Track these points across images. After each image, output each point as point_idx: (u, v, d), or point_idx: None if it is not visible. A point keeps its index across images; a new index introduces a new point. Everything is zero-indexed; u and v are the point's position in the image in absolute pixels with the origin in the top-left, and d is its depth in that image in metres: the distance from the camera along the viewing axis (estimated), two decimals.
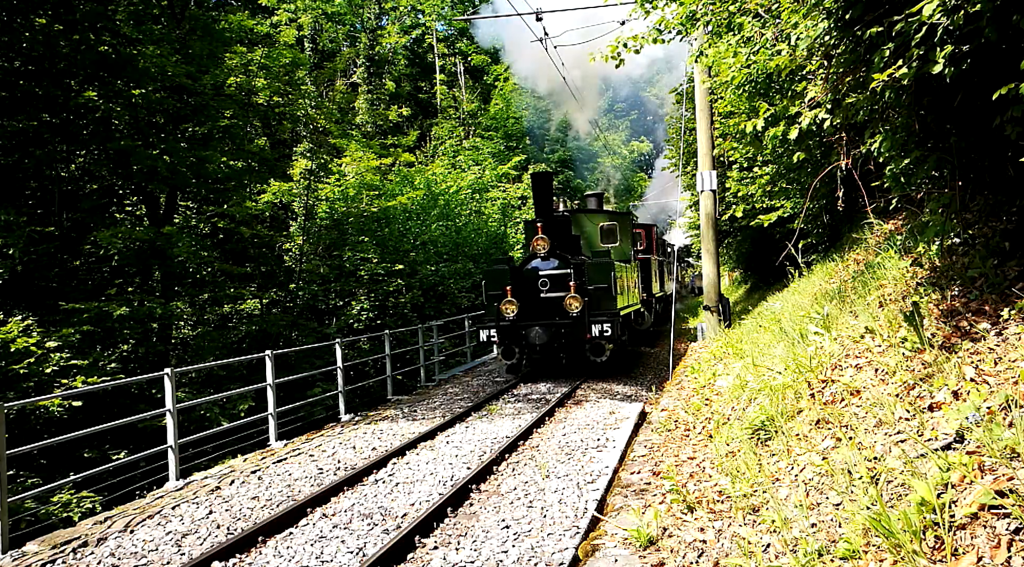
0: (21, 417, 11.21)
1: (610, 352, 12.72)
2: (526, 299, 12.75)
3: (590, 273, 12.52)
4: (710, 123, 14.26)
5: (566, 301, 12.27)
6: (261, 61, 17.71)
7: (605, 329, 12.00)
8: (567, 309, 12.27)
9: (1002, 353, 3.62)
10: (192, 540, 5.81)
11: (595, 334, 12.06)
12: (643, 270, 18.28)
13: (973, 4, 3.18)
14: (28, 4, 13.42)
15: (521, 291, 12.72)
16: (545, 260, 12.82)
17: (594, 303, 12.51)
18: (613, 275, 12.36)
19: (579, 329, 12.21)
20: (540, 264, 12.84)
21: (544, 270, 12.78)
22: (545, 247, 12.67)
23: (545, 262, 12.81)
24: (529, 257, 13.07)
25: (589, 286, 12.45)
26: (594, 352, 12.55)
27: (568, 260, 12.74)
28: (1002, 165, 4.43)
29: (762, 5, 5.82)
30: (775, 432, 4.94)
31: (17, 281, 13.08)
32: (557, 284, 12.65)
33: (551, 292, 12.69)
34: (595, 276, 12.48)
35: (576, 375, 13.23)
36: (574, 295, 12.19)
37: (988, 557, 2.45)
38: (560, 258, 12.81)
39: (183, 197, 18.13)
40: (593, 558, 4.27)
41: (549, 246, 12.69)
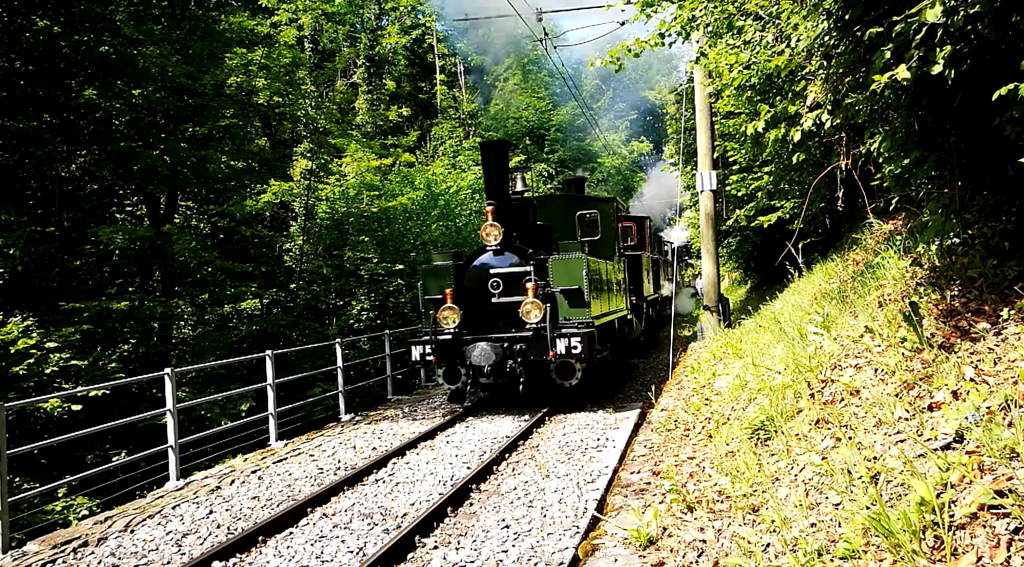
0: (21, 418, 11.21)
1: (585, 371, 9.86)
2: (472, 305, 9.87)
3: (555, 271, 9.58)
4: (710, 123, 14.27)
5: (521, 308, 9.19)
6: (261, 61, 17.71)
7: (573, 344, 8.95)
8: (523, 318, 9.25)
9: (1001, 353, 3.62)
10: (192, 540, 5.81)
11: (561, 351, 9.02)
12: (632, 269, 15.46)
13: (972, 5, 3.18)
14: (28, 4, 13.42)
15: (467, 295, 9.92)
16: (498, 255, 9.85)
17: (561, 310, 9.62)
18: (586, 273, 9.43)
19: (539, 345, 9.22)
20: (491, 260, 9.89)
21: (496, 267, 9.82)
22: (497, 237, 9.71)
23: (498, 257, 9.85)
24: (478, 251, 10.09)
25: (554, 288, 9.57)
26: (562, 374, 9.46)
27: (527, 254, 9.82)
28: (1002, 165, 4.43)
29: (762, 6, 5.82)
30: (775, 432, 4.94)
31: (17, 281, 13.09)
32: (512, 285, 9.69)
33: (505, 296, 9.69)
34: (562, 275, 9.55)
35: (538, 404, 10.21)
36: (532, 300, 9.15)
37: (988, 557, 2.45)
38: (518, 252, 9.87)
39: (183, 197, 18.15)
40: (593, 558, 4.28)
41: (503, 236, 9.71)
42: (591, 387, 11.03)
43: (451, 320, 9.68)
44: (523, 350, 9.32)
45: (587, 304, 9.54)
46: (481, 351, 9.31)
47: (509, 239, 9.95)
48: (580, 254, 9.67)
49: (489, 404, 10.77)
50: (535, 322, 9.22)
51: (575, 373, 9.45)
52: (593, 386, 11.20)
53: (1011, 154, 4.22)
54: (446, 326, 9.70)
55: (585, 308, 9.56)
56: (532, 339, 9.27)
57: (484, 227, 9.85)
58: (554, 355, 9.09)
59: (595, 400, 10.56)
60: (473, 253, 10.23)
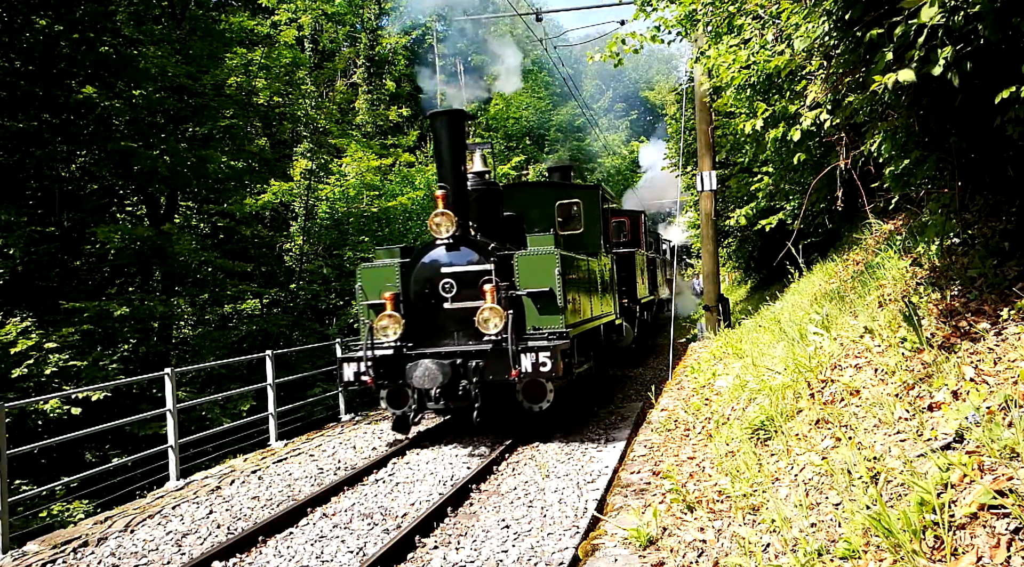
0: (20, 419, 11.21)
1: (561, 390, 8.26)
2: (420, 312, 8.10)
3: (522, 270, 7.91)
4: (710, 123, 14.27)
5: (478, 316, 7.49)
6: (261, 61, 17.71)
7: (542, 360, 7.26)
8: (480, 328, 7.51)
9: (1001, 353, 3.62)
10: (192, 540, 5.81)
11: (526, 368, 7.28)
12: (624, 267, 13.81)
13: (972, 5, 3.18)
14: (28, 4, 13.43)
15: (414, 299, 8.14)
16: (453, 250, 8.03)
17: (528, 317, 7.95)
18: (559, 272, 7.79)
19: (499, 361, 7.47)
20: (443, 256, 8.06)
21: (449, 266, 8.01)
22: (449, 228, 7.89)
23: (452, 253, 8.03)
24: (427, 246, 8.25)
25: (520, 290, 7.90)
26: (530, 396, 7.88)
27: (488, 250, 7.99)
28: (1002, 165, 4.43)
29: (761, 6, 5.82)
30: (775, 432, 4.95)
31: (17, 281, 13.09)
32: (469, 287, 7.91)
33: (460, 300, 7.95)
34: (529, 274, 7.89)
35: (502, 432, 8.59)
36: (491, 306, 7.43)
37: (988, 557, 2.45)
38: (476, 247, 8.05)
39: (183, 197, 18.14)
40: (593, 558, 4.28)
41: (457, 228, 7.93)
42: (568, 409, 9.19)
43: (391, 331, 7.94)
44: (480, 368, 7.53)
45: (560, 310, 7.84)
46: (424, 371, 7.43)
47: (466, 231, 8.16)
48: (552, 248, 7.92)
49: (444, 431, 9.07)
50: (494, 333, 7.45)
51: (546, 395, 7.83)
52: (571, 408, 9.36)
53: (1011, 154, 4.22)
54: (385, 338, 7.96)
55: (558, 315, 7.85)
56: (491, 354, 7.52)
57: (432, 216, 7.97)
58: (517, 374, 7.24)
59: (568, 429, 8.62)
60: (421, 248, 8.28)
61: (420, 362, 7.52)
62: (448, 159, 8.27)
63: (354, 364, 7.99)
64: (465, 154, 8.62)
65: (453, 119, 8.31)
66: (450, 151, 8.28)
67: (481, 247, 8.07)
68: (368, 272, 8.60)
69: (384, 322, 7.97)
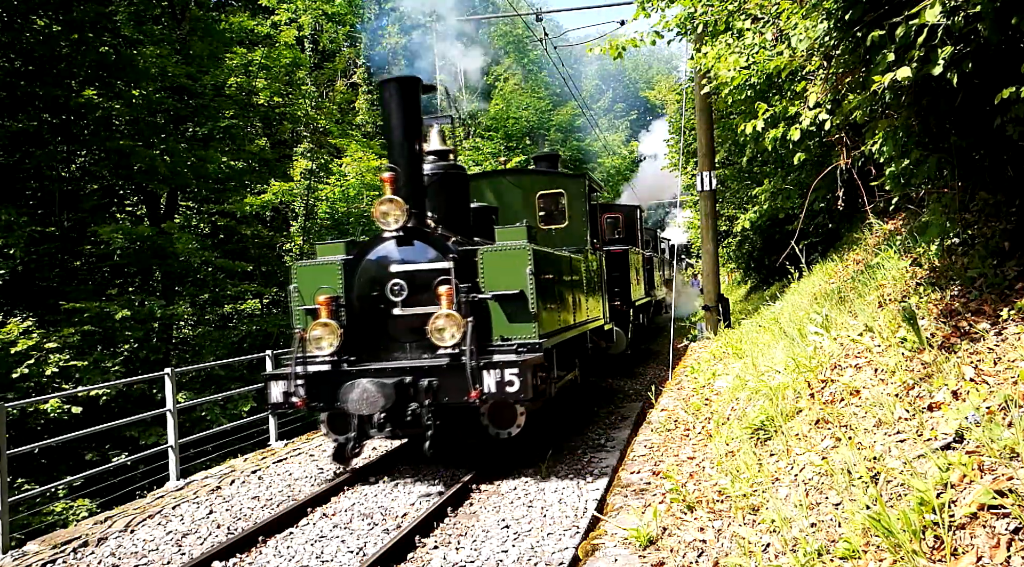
0: (21, 419, 11.22)
1: (534, 413, 7.04)
2: (366, 319, 6.78)
3: (488, 268, 6.69)
4: (710, 123, 14.27)
5: (430, 325, 6.26)
6: (261, 61, 17.72)
7: (508, 378, 6.06)
8: (432, 339, 6.29)
9: (1001, 353, 3.62)
10: (192, 540, 5.82)
11: (489, 388, 6.09)
12: (617, 267, 12.65)
13: (973, 5, 3.18)
14: (28, 4, 13.44)
15: (358, 304, 6.82)
16: (405, 245, 6.72)
17: (496, 325, 6.66)
18: (532, 272, 6.57)
19: (456, 379, 6.20)
20: (394, 252, 6.73)
21: (399, 263, 6.67)
22: (399, 219, 6.57)
23: (405, 249, 6.72)
24: (374, 239, 6.93)
25: (485, 293, 6.64)
26: (497, 420, 6.70)
27: (448, 245, 6.71)
28: (1002, 165, 4.44)
29: (761, 6, 5.83)
30: (775, 432, 4.95)
31: (18, 281, 13.10)
32: (424, 290, 6.56)
33: (412, 305, 6.58)
34: (497, 273, 6.66)
35: (463, 463, 7.28)
36: (447, 313, 6.20)
37: (988, 557, 2.45)
38: (433, 241, 6.74)
39: (183, 197, 18.15)
40: (593, 558, 4.28)
41: (408, 218, 6.59)
42: (543, 433, 7.90)
43: (325, 342, 6.63)
44: (433, 388, 6.24)
45: (533, 316, 6.56)
46: (361, 393, 6.08)
47: (421, 222, 6.88)
48: (524, 243, 6.68)
49: (398, 458, 7.79)
50: (450, 345, 6.19)
51: (516, 418, 6.61)
52: (547, 431, 8.05)
53: (1012, 154, 4.23)
54: (319, 351, 6.64)
55: (530, 322, 6.57)
56: (447, 371, 6.23)
57: (378, 204, 6.60)
58: (478, 395, 6.03)
59: (542, 461, 7.03)
60: (367, 243, 7.01)
61: (357, 382, 6.14)
62: (399, 136, 6.93)
63: (283, 382, 6.66)
64: (420, 130, 7.19)
65: (405, 87, 6.96)
66: (401, 125, 6.95)
67: (438, 242, 6.71)
68: (306, 271, 7.26)
69: (317, 332, 6.61)
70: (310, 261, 7.48)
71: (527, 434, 6.91)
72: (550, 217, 10.18)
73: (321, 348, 6.69)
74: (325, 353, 6.69)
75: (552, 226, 10.05)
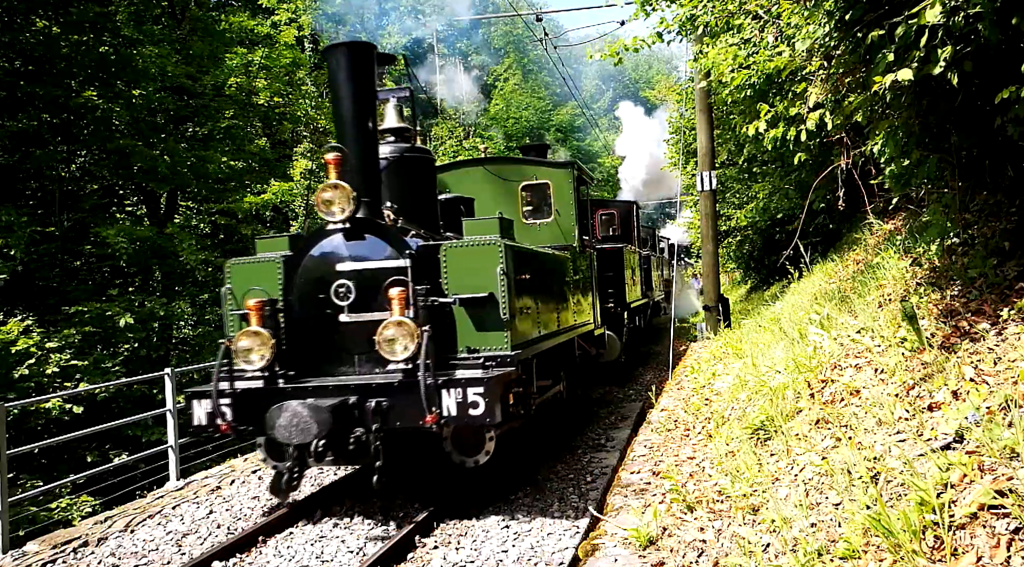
0: (21, 419, 11.22)
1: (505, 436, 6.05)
2: (308, 326, 5.83)
3: (451, 266, 5.74)
4: (710, 124, 14.28)
5: (378, 335, 5.26)
6: (261, 62, 17.71)
7: (471, 399, 5.09)
8: (381, 352, 5.30)
9: (1002, 353, 3.63)
10: (192, 540, 5.82)
11: (448, 410, 5.12)
12: (610, 266, 11.85)
13: (973, 5, 3.19)
14: (29, 4, 13.45)
15: (299, 308, 5.86)
16: (354, 240, 5.77)
17: (461, 334, 5.69)
18: (504, 271, 5.58)
19: (409, 399, 5.20)
20: (341, 248, 5.79)
21: (346, 260, 5.73)
22: (345, 208, 5.60)
23: (354, 244, 5.77)
24: (318, 233, 5.97)
25: (448, 296, 5.67)
26: (461, 447, 5.77)
27: (403, 240, 5.73)
28: (1002, 165, 4.44)
29: (762, 6, 5.83)
30: (775, 432, 4.95)
31: (18, 281, 13.10)
32: (372, 293, 5.63)
33: (361, 311, 5.64)
34: (462, 273, 5.71)
35: (420, 498, 6.23)
36: (400, 320, 5.23)
37: (988, 557, 2.45)
38: (388, 235, 5.76)
39: (183, 197, 18.15)
40: (593, 558, 4.28)
41: (356, 207, 5.63)
42: (520, 459, 6.99)
43: (255, 355, 5.57)
44: (383, 409, 5.23)
45: (505, 323, 5.57)
46: (291, 419, 5.05)
47: (375, 213, 5.92)
48: (496, 237, 5.80)
49: (340, 493, 6.62)
50: (403, 358, 5.23)
51: (483, 445, 5.69)
52: (525, 455, 7.12)
53: (1012, 154, 4.23)
54: (247, 365, 5.60)
55: (501, 331, 5.59)
56: (399, 389, 5.25)
57: (320, 191, 5.63)
58: (435, 419, 5.03)
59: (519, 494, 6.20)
60: (311, 236, 6.07)
61: (286, 405, 5.10)
62: (349, 111, 5.93)
63: (207, 401, 5.62)
64: (374, 105, 6.20)
65: (356, 55, 5.93)
66: (351, 100, 5.93)
67: (394, 236, 5.71)
68: (241, 270, 6.22)
69: (245, 342, 5.53)
70: (246, 258, 6.39)
71: (499, 461, 5.96)
72: (535, 211, 9.28)
73: (250, 361, 5.56)
74: (255, 367, 5.58)
75: (537, 221, 9.15)
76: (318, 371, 5.78)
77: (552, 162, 9.98)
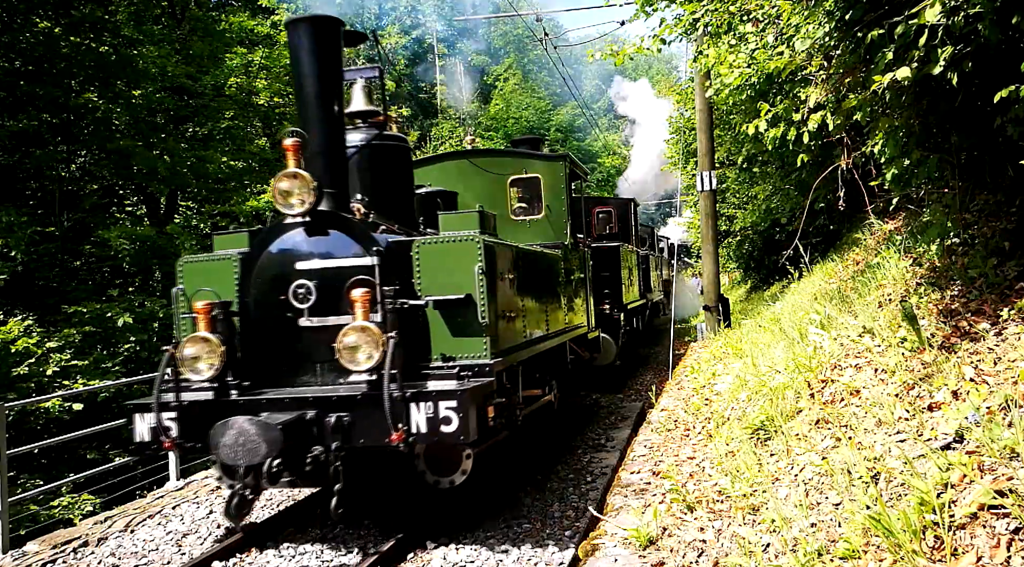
0: (21, 419, 11.22)
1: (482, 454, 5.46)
2: (264, 331, 5.27)
3: (424, 265, 5.20)
4: (710, 123, 14.28)
5: (338, 342, 4.74)
6: (261, 62, 17.72)
7: (443, 414, 4.56)
8: (341, 361, 4.76)
9: (1002, 353, 3.63)
10: (192, 540, 5.82)
11: (418, 427, 4.59)
12: (606, 265, 11.48)
13: (973, 5, 3.19)
14: (29, 4, 13.46)
15: (254, 310, 5.29)
16: (316, 235, 5.20)
17: (435, 341, 5.14)
18: (482, 270, 5.05)
19: (372, 416, 4.65)
20: (301, 244, 5.22)
21: (307, 258, 5.17)
22: (305, 201, 5.01)
23: (316, 240, 5.20)
24: (276, 228, 5.34)
25: (420, 299, 5.11)
26: (435, 466, 5.29)
27: (370, 235, 5.14)
28: (1002, 165, 4.44)
29: (761, 6, 5.83)
30: (775, 432, 4.95)
31: (18, 281, 13.11)
32: (336, 294, 5.04)
33: (324, 314, 5.06)
34: (437, 273, 5.18)
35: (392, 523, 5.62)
36: (363, 325, 4.69)
37: (988, 557, 2.45)
38: (354, 230, 5.21)
39: (183, 197, 18.16)
40: (593, 558, 4.28)
41: (318, 198, 5.04)
42: (504, 476, 6.47)
43: (203, 364, 5.02)
44: (344, 425, 4.68)
45: (484, 328, 5.02)
46: (236, 437, 4.45)
47: (342, 206, 5.35)
48: (474, 233, 5.23)
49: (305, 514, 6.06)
50: (366, 368, 4.66)
51: (460, 463, 5.22)
52: (509, 473, 6.60)
53: (1012, 154, 4.23)
54: (194, 374, 5.04)
55: (480, 337, 5.03)
56: (363, 403, 4.68)
57: (277, 180, 4.99)
58: (401, 437, 4.48)
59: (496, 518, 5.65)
60: (268, 231, 5.39)
61: (232, 421, 4.48)
62: (312, 93, 5.32)
63: (150, 415, 5.04)
64: (340, 86, 5.56)
65: (320, 30, 5.35)
66: (315, 79, 5.31)
67: (361, 231, 5.14)
68: (194, 268, 5.64)
69: (191, 350, 5.00)
70: (200, 255, 5.96)
71: (479, 480, 5.46)
72: (525, 207, 8.76)
73: (197, 371, 5.00)
74: (203, 377, 5.01)
75: (527, 217, 8.62)
76: (277, 381, 5.19)
77: (543, 155, 9.29)
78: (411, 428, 4.56)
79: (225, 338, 5.06)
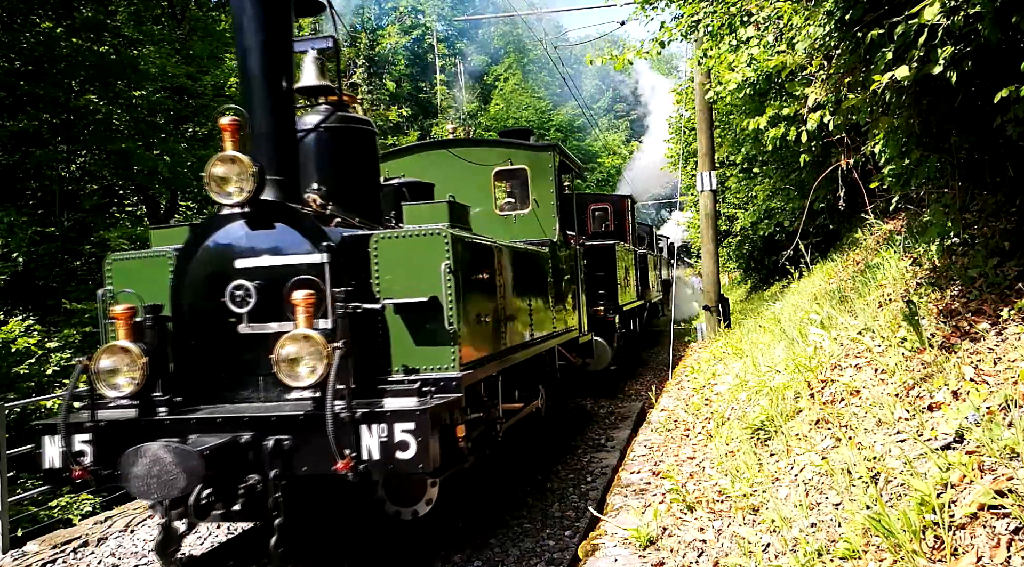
0: (21, 419, 11.22)
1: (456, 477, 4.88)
2: (199, 338, 4.49)
3: (384, 264, 4.50)
4: (710, 123, 14.28)
5: (275, 354, 3.87)
6: None
7: (399, 438, 3.72)
8: (279, 375, 3.91)
9: (1002, 353, 3.62)
10: (192, 540, 5.81)
11: (371, 453, 3.75)
12: (601, 265, 10.99)
13: (972, 5, 3.19)
14: (29, 4, 13.47)
15: (188, 315, 4.51)
16: (259, 227, 4.40)
17: (396, 351, 4.43)
18: (450, 268, 4.35)
19: (317, 439, 3.74)
20: (241, 238, 4.42)
21: (247, 255, 4.37)
22: (245, 188, 4.14)
23: (259, 233, 4.40)
24: (214, 220, 4.55)
25: (377, 302, 4.37)
26: (395, 494, 4.75)
27: (320, 229, 4.38)
28: (1002, 165, 4.44)
29: (761, 6, 5.83)
30: (775, 432, 4.95)
31: (18, 281, 13.11)
32: (276, 297, 4.23)
33: (263, 320, 4.25)
34: (398, 272, 4.47)
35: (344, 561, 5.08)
36: (305, 333, 3.83)
37: (988, 557, 2.45)
38: (303, 222, 4.41)
39: (184, 197, 18.16)
40: (593, 558, 4.28)
41: (259, 186, 4.19)
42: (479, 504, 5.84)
43: (123, 378, 4.23)
44: (284, 450, 3.92)
45: (452, 336, 4.38)
46: (149, 468, 3.66)
47: (291, 195, 4.60)
48: (441, 227, 4.59)
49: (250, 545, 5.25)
50: (309, 384, 3.94)
51: (424, 491, 4.71)
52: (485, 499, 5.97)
53: (1012, 154, 4.23)
54: (111, 391, 4.25)
55: (447, 346, 4.40)
56: (306, 424, 3.92)
57: (211, 164, 4.22)
58: (349, 465, 3.71)
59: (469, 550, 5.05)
60: (205, 224, 4.69)
61: (144, 449, 3.68)
62: (256, 66, 4.54)
63: (57, 441, 4.20)
64: (291, 60, 4.82)
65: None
66: (259, 49, 4.52)
67: (310, 224, 4.43)
68: (124, 267, 4.93)
69: (108, 362, 4.22)
70: (131, 252, 5.31)
71: (450, 508, 4.96)
72: (511, 201, 8.22)
73: (115, 386, 4.22)
74: (122, 394, 4.22)
75: (513, 212, 8.04)
76: (215, 397, 4.48)
77: (530, 145, 8.47)
78: (361, 454, 3.79)
79: (153, 347, 4.30)
